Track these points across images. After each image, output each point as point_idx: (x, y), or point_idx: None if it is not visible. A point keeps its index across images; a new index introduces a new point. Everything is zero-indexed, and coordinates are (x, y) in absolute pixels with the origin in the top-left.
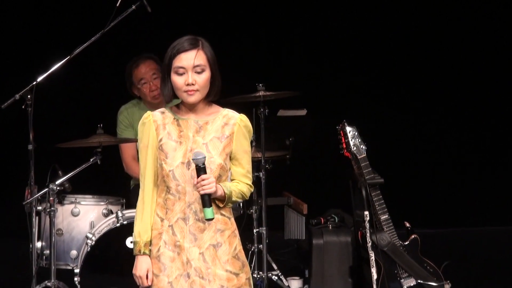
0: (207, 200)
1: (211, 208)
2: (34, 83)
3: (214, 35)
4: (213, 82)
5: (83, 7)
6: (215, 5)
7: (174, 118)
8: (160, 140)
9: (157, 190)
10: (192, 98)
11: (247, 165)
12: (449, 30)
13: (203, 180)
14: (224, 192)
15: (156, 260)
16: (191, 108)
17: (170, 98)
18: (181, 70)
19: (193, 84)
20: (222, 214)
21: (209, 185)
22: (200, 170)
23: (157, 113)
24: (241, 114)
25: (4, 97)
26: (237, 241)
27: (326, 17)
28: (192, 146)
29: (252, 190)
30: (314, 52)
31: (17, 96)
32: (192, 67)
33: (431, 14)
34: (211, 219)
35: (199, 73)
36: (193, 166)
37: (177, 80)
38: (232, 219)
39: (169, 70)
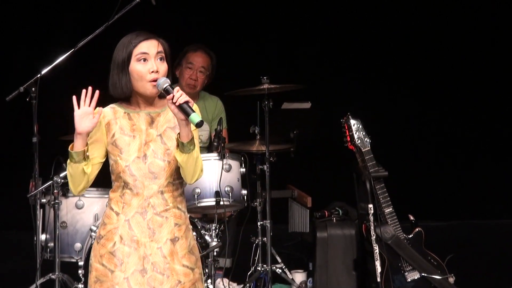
0: (187, 107)
1: (194, 112)
2: (39, 75)
3: (219, 27)
4: (168, 76)
5: (88, 0)
6: None
7: (125, 112)
8: (113, 136)
9: (113, 186)
10: (156, 89)
11: None
12: (454, 23)
13: (174, 95)
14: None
15: (112, 256)
16: (145, 101)
17: (129, 93)
18: (144, 56)
19: (157, 72)
20: (178, 208)
21: (182, 95)
22: (168, 91)
23: (107, 109)
24: None
25: (8, 89)
26: (191, 235)
27: (331, 10)
28: (146, 139)
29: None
30: (319, 45)
31: (22, 89)
32: (155, 53)
33: (435, 10)
34: (201, 122)
35: (161, 60)
36: (149, 160)
37: (140, 69)
38: (186, 213)
39: (128, 61)
